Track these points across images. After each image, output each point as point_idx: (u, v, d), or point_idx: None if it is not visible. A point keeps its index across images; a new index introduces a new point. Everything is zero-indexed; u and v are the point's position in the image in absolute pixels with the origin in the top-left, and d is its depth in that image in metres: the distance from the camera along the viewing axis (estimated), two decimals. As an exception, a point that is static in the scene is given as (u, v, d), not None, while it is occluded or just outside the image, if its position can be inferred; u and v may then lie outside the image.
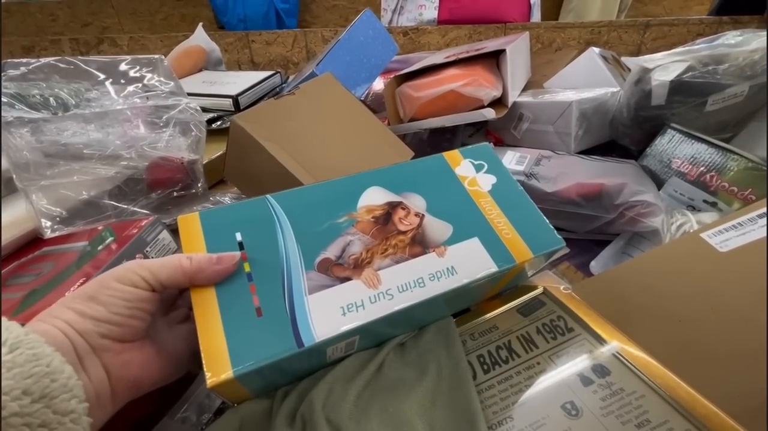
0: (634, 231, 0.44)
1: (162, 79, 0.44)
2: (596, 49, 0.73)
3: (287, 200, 0.30)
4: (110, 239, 0.36)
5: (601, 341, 0.28)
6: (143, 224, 0.37)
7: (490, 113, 0.59)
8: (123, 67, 0.46)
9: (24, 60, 0.43)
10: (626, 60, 0.52)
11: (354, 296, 0.26)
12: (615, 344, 0.27)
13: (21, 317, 0.29)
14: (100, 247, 0.35)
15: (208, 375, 0.22)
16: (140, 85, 0.43)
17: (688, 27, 1.00)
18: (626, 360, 0.26)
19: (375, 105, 0.82)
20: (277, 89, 0.79)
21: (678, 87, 0.48)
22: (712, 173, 0.47)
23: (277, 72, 0.80)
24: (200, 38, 0.89)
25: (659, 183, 0.51)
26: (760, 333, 0.24)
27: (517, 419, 0.25)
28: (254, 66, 1.05)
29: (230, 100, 0.68)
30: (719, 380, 0.24)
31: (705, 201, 0.47)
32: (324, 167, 0.46)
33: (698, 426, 0.22)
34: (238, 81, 0.75)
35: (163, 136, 0.42)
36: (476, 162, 0.35)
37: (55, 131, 0.35)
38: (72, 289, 0.30)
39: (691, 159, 0.49)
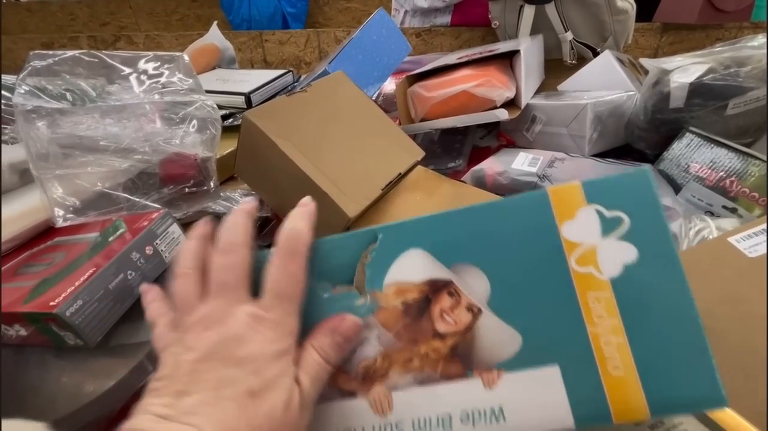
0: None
1: (182, 76, 0.44)
2: (612, 52, 0.72)
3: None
4: (121, 230, 0.37)
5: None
6: (154, 216, 0.37)
7: (503, 114, 0.58)
8: (145, 62, 0.46)
9: (51, 52, 0.44)
10: (644, 61, 0.51)
11: (354, 420, 0.20)
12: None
13: (31, 305, 0.29)
14: (111, 238, 0.36)
15: None
16: (160, 80, 0.44)
17: (707, 32, 0.98)
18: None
19: (385, 106, 0.81)
20: (289, 88, 0.79)
21: (698, 89, 0.47)
22: (732, 179, 0.45)
23: (289, 71, 0.80)
24: (215, 37, 0.90)
25: (676, 188, 0.49)
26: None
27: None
28: (267, 65, 1.06)
29: (243, 97, 0.68)
30: (746, 391, 0.23)
31: (724, 207, 0.45)
32: (334, 164, 0.46)
33: (713, 428, 0.21)
34: (251, 79, 0.75)
35: (178, 132, 0.42)
36: (608, 214, 0.19)
37: (73, 123, 0.36)
38: (82, 278, 0.30)
39: (710, 164, 0.47)
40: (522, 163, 0.53)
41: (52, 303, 0.28)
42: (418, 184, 0.52)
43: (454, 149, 0.72)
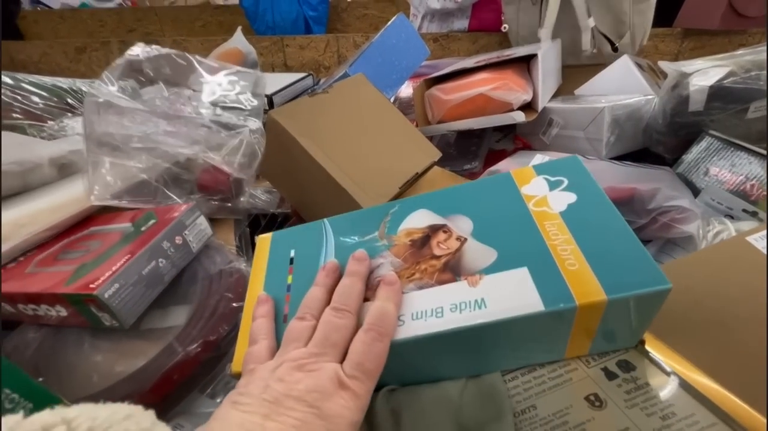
0: (668, 238, 0.43)
1: (250, 96, 0.47)
2: (630, 57, 0.72)
3: (339, 222, 0.31)
4: (152, 221, 0.39)
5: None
6: (183, 208, 0.39)
7: (519, 116, 0.59)
8: (225, 74, 0.49)
9: (150, 47, 0.47)
10: (663, 64, 0.51)
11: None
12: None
13: (73, 287, 0.31)
14: (143, 227, 0.38)
15: (231, 364, 0.26)
16: (230, 95, 0.46)
17: (729, 37, 0.97)
18: (653, 356, 0.26)
19: (402, 109, 0.83)
20: (309, 90, 0.82)
21: (718, 92, 0.47)
22: (753, 182, 0.45)
23: (309, 74, 0.82)
24: (238, 41, 0.93)
25: (695, 191, 0.49)
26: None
27: (541, 408, 0.25)
28: (287, 69, 1.09)
29: (265, 98, 0.71)
30: (762, 383, 0.23)
31: (744, 210, 0.45)
32: (354, 163, 0.47)
33: (725, 420, 0.21)
34: (272, 82, 0.77)
35: (223, 148, 0.45)
36: (552, 179, 0.27)
37: (134, 120, 0.38)
38: (118, 264, 0.32)
39: (730, 167, 0.47)
40: (538, 164, 0.54)
41: (92, 285, 0.30)
42: (434, 184, 0.53)
43: (470, 151, 0.73)
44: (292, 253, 0.30)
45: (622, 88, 0.69)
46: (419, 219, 0.29)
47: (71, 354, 0.33)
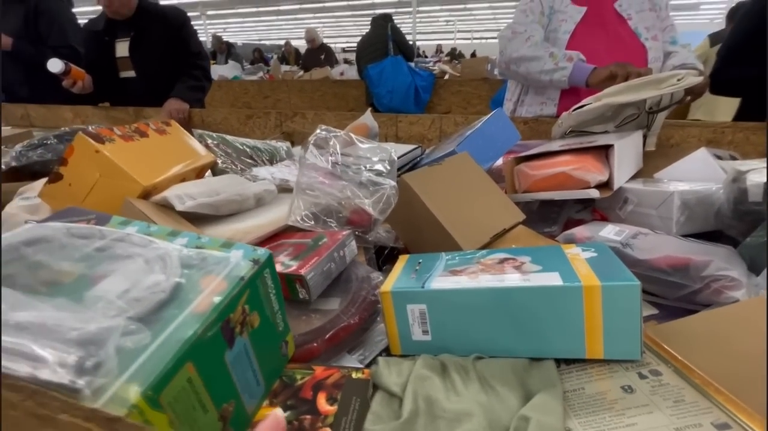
0: (719, 302, 0.51)
1: (387, 165, 0.70)
2: (709, 149, 0.81)
3: (450, 254, 0.54)
4: (324, 239, 0.59)
5: (661, 358, 0.38)
6: (344, 233, 0.59)
7: (594, 193, 0.71)
8: (371, 149, 0.75)
9: (326, 128, 0.74)
10: (722, 164, 0.61)
11: (458, 280, 0.44)
12: (670, 361, 0.38)
13: (288, 271, 0.51)
14: (320, 242, 0.58)
15: (381, 287, 0.47)
16: (376, 163, 0.71)
17: (830, 133, 0.98)
18: (677, 368, 0.36)
19: (494, 178, 0.99)
20: (417, 159, 1.03)
21: (774, 188, 0.55)
22: (813, 267, 0.51)
23: (419, 146, 1.04)
24: (367, 118, 1.21)
25: (759, 269, 0.56)
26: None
27: (588, 389, 0.37)
28: (398, 140, 1.34)
29: (396, 165, 0.93)
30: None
31: (802, 290, 0.51)
32: (458, 216, 0.64)
33: (719, 407, 0.31)
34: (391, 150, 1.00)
35: (368, 197, 0.66)
36: (584, 248, 0.46)
37: (319, 174, 0.62)
38: (312, 261, 0.52)
39: (791, 252, 0.54)
40: (609, 232, 0.65)
41: (301, 271, 0.50)
42: (518, 238, 0.67)
43: (550, 218, 0.86)
44: (421, 260, 0.52)
45: (701, 175, 0.78)
46: (499, 254, 0.50)
47: (276, 314, 0.52)
